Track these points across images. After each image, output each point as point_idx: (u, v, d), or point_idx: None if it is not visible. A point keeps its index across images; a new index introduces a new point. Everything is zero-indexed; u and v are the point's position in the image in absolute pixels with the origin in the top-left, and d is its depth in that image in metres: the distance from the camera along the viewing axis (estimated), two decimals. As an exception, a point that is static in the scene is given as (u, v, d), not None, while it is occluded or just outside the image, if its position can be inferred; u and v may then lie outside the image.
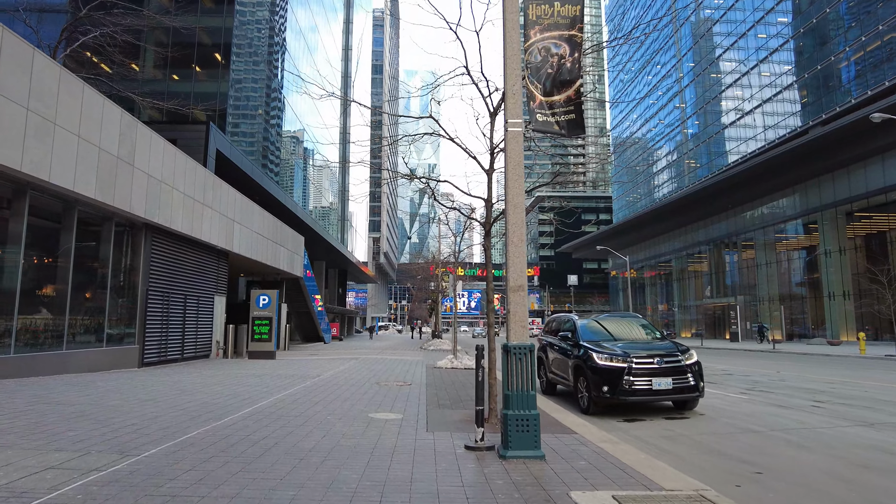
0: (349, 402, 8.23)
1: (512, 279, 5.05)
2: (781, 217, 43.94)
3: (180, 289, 16.32)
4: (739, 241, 50.20)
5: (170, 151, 14.98)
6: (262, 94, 34.01)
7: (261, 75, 33.73)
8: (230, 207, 19.36)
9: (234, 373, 13.05)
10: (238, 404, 7.83)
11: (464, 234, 16.11)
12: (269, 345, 18.71)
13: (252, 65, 32.74)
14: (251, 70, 32.58)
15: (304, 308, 34.21)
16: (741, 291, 49.30)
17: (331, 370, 14.19)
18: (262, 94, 33.92)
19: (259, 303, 18.90)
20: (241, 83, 30.88)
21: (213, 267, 18.89)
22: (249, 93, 32.32)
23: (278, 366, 15.56)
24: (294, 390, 9.68)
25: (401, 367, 15.41)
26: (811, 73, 40.98)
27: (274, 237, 24.48)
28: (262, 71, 33.82)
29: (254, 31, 33.13)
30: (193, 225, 16.36)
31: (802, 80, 42.31)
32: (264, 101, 34.04)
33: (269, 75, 34.69)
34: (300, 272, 29.19)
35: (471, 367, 15.27)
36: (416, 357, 20.81)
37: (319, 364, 16.51)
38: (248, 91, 31.99)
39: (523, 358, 4.93)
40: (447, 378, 12.55)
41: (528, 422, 4.84)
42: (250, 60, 32.50)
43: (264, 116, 33.87)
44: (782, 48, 45.52)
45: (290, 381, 11.14)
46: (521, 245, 5.07)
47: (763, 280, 46.07)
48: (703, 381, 8.06)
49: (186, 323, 16.71)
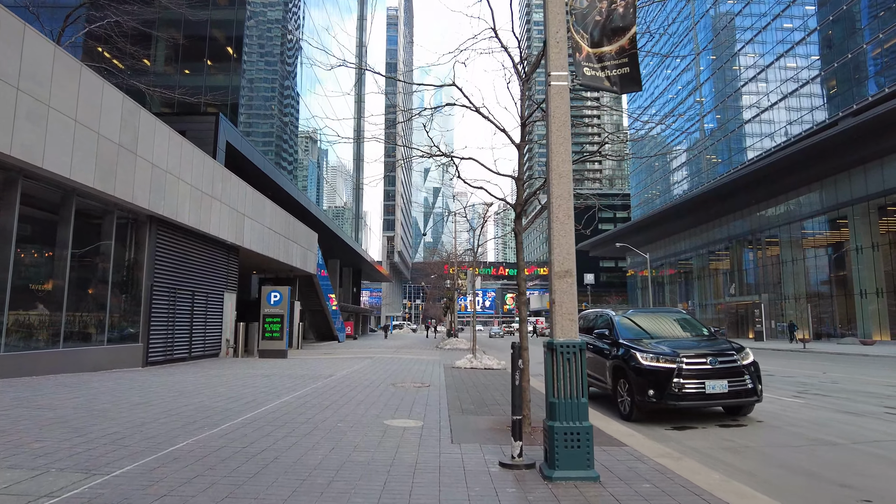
0: (363, 407, 7.41)
1: (557, 262, 4.18)
2: (808, 212, 42.39)
3: (188, 285, 15.67)
4: (763, 237, 48.68)
5: (175, 140, 14.31)
6: (276, 89, 33.42)
7: (274, 70, 33.16)
8: (240, 201, 18.70)
9: (242, 372, 12.32)
10: (239, 408, 7.05)
11: (483, 225, 15.26)
12: (281, 343, 18.01)
13: (265, 59, 32.17)
14: (264, 64, 32.01)
15: (318, 306, 33.58)
16: (765, 289, 47.80)
17: (344, 370, 13.42)
18: (275, 89, 33.34)
19: (270, 300, 18.21)
20: (253, 77, 30.32)
21: (223, 262, 18.24)
22: (262, 87, 31.74)
23: (289, 365, 14.83)
24: (303, 392, 8.90)
25: (417, 368, 14.60)
26: (840, 62, 39.42)
27: (286, 233, 23.82)
28: (275, 65, 33.24)
29: (266, 22, 32.56)
30: (201, 218, 15.70)
31: (831, 70, 40.74)
32: (277, 97, 33.46)
33: (283, 71, 34.10)
34: (313, 269, 28.54)
35: (491, 367, 14.42)
36: (432, 357, 20.00)
37: (332, 363, 15.76)
38: (260, 85, 31.42)
39: (572, 358, 4.07)
40: (467, 379, 11.70)
41: (580, 436, 3.98)
42: (263, 53, 31.93)
43: (277, 113, 33.31)
44: (806, 40, 44.12)
45: (299, 382, 10.37)
46: (569, 221, 4.20)
47: (788, 278, 44.56)
48: (761, 384, 7.11)
49: (194, 320, 16.05)
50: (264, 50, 32.09)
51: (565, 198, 4.21)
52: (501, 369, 14.37)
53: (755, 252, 50.44)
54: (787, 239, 44.90)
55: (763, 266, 49.20)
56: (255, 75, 30.50)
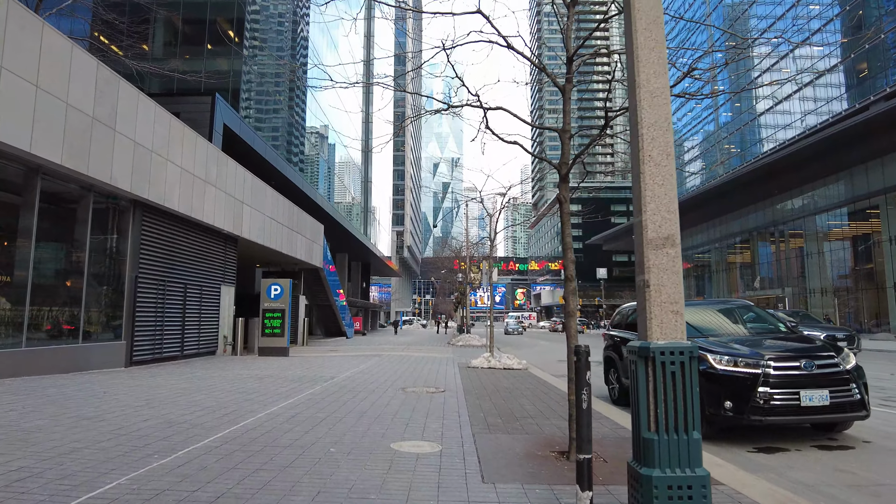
0: (365, 421, 6.03)
1: (652, 225, 2.77)
2: (834, 203, 40.46)
3: (179, 277, 14.37)
4: (786, 229, 46.79)
5: (163, 118, 12.98)
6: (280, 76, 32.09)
7: (277, 53, 31.81)
8: (239, 188, 17.39)
9: (234, 374, 11.00)
10: (212, 424, 5.69)
11: (501, 211, 13.79)
12: (282, 340, 16.70)
13: (267, 42, 30.83)
14: (266, 48, 30.67)
15: (325, 301, 32.32)
16: (788, 283, 45.95)
17: (348, 370, 12.06)
18: (279, 76, 32.00)
19: (270, 293, 16.90)
20: (255, 62, 28.99)
21: (220, 253, 16.94)
22: (266, 75, 30.41)
23: (289, 364, 13.49)
24: (296, 400, 7.54)
25: (429, 367, 13.21)
26: (872, 44, 37.41)
27: (290, 223, 22.51)
28: (279, 49, 31.90)
29: (268, 4, 31.22)
30: (194, 205, 14.39)
31: (861, 52, 38.74)
32: (282, 83, 32.13)
33: (287, 55, 32.76)
34: (319, 262, 27.25)
35: (511, 367, 13.00)
36: (444, 354, 18.61)
37: (337, 362, 14.41)
38: (263, 70, 30.08)
39: (680, 371, 2.64)
40: (487, 381, 10.29)
41: (692, 490, 2.55)
42: (265, 38, 30.59)
43: (285, 101, 31.99)
44: (826, 27, 42.31)
45: (295, 386, 9.01)
46: (668, 163, 2.77)
47: (814, 271, 42.67)
48: (868, 394, 5.62)
49: (187, 316, 14.76)
50: (265, 31, 30.72)
51: (662, 127, 2.78)
52: (522, 369, 12.96)
53: (777, 244, 48.54)
54: (811, 231, 42.98)
55: (786, 259, 47.32)
56: (257, 53, 29.16)
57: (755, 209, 50.35)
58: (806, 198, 43.33)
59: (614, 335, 8.63)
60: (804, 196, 43.55)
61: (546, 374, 12.04)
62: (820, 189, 41.50)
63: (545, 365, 15.41)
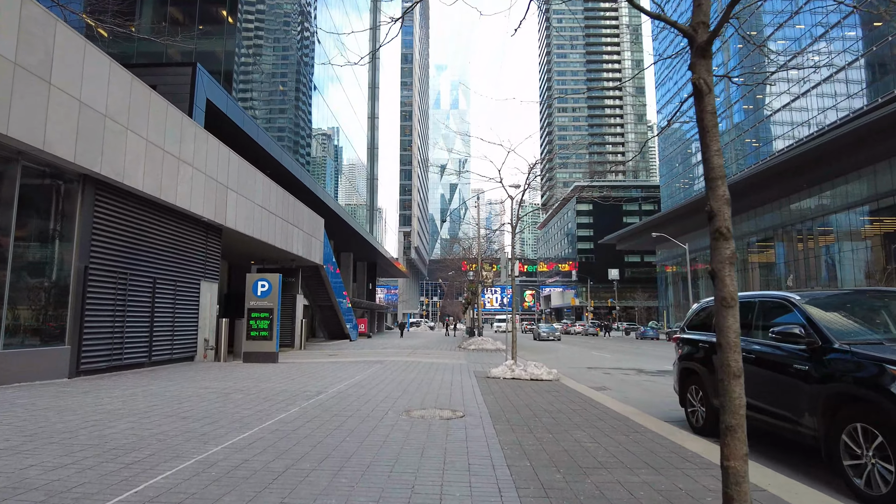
0: (344, 481, 3.79)
1: None
2: (871, 195, 37.86)
3: (147, 270, 12.22)
4: (815, 226, 44.19)
5: (121, 78, 10.83)
6: (277, 59, 30.03)
7: (275, 35, 29.76)
8: (222, 170, 15.24)
9: (198, 388, 8.80)
10: (86, 491, 3.47)
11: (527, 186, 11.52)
12: (270, 344, 14.51)
13: (265, 23, 28.75)
14: (264, 29, 28.60)
15: (327, 301, 30.18)
16: (820, 282, 43.33)
17: (343, 382, 9.84)
18: (276, 59, 29.94)
19: (256, 290, 14.72)
20: (251, 43, 26.92)
21: (200, 244, 14.79)
22: (263, 56, 28.33)
23: (274, 374, 11.29)
24: (254, 432, 5.31)
25: (440, 378, 10.96)
26: None
27: (285, 215, 20.36)
28: (276, 30, 29.83)
29: None
30: (164, 185, 12.24)
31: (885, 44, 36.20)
32: (279, 68, 30.06)
33: (285, 36, 30.70)
34: (319, 259, 25.08)
35: (540, 377, 10.72)
36: (456, 360, 16.36)
37: (332, 371, 12.19)
38: (261, 53, 28.01)
39: None
40: (516, 399, 8.02)
41: None
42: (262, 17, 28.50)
43: (292, 92, 29.92)
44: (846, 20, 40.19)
45: (264, 408, 6.79)
46: None
47: (848, 269, 40.03)
48: None
49: (157, 316, 12.60)
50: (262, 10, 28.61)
51: None
52: (554, 381, 10.69)
53: (805, 242, 45.89)
54: (844, 227, 40.34)
55: (815, 257, 44.71)
56: (252, 34, 27.06)
57: (781, 204, 47.78)
58: (837, 191, 40.70)
59: (699, 340, 6.33)
60: (836, 189, 40.93)
61: (585, 388, 9.75)
62: (854, 181, 38.87)
63: (576, 374, 13.12)
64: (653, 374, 13.55)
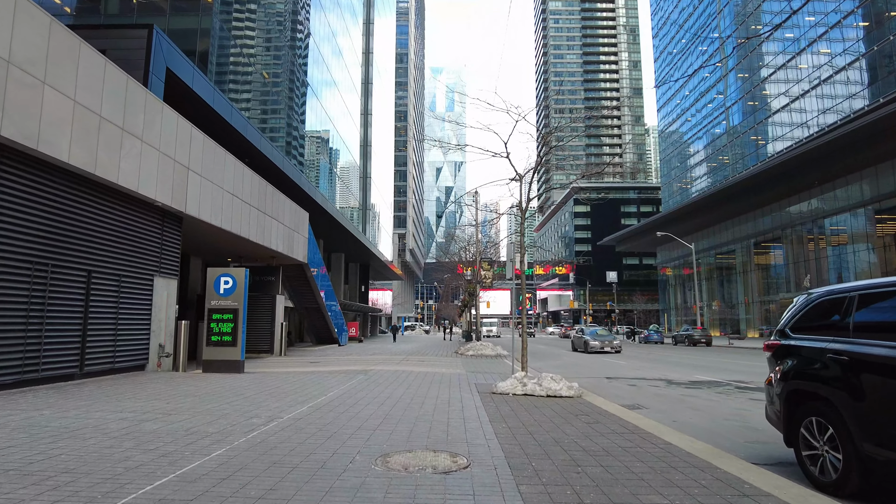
0: None
1: None
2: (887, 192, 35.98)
3: (78, 261, 10.03)
4: (826, 224, 42.32)
5: (34, 18, 8.66)
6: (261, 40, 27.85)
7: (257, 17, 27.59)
8: (182, 148, 13.07)
9: (117, 409, 6.63)
10: None
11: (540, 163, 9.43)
12: (234, 351, 12.31)
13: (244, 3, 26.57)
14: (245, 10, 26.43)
15: (313, 303, 27.96)
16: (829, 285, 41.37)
17: (310, 401, 7.69)
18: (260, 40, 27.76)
19: (218, 287, 12.53)
20: (230, 25, 24.74)
21: (153, 234, 12.60)
22: (243, 37, 26.14)
23: (228, 389, 9.12)
24: (133, 499, 3.16)
25: (435, 394, 8.81)
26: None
27: (262, 205, 18.21)
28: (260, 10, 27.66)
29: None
30: (101, 159, 10.07)
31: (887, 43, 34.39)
32: (262, 48, 27.88)
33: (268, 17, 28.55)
34: (302, 256, 22.90)
35: (559, 394, 8.59)
36: (453, 369, 14.20)
37: (303, 384, 10.02)
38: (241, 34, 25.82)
39: None
40: (538, 429, 5.89)
41: None
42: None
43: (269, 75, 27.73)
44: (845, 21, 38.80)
45: (177, 449, 4.63)
46: None
47: (863, 270, 38.11)
48: None
49: (92, 316, 10.41)
50: None
51: None
52: (576, 397, 8.57)
53: (816, 242, 43.98)
54: (861, 229, 38.39)
55: (826, 258, 42.81)
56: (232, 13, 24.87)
57: (790, 203, 45.94)
58: (850, 189, 38.80)
59: (827, 349, 4.17)
60: (849, 186, 39.05)
61: (619, 408, 7.62)
62: (870, 178, 36.98)
63: (597, 387, 10.99)
64: (686, 386, 11.44)
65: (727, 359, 21.35)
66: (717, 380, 12.64)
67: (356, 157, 58.85)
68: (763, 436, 6.19)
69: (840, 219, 40.74)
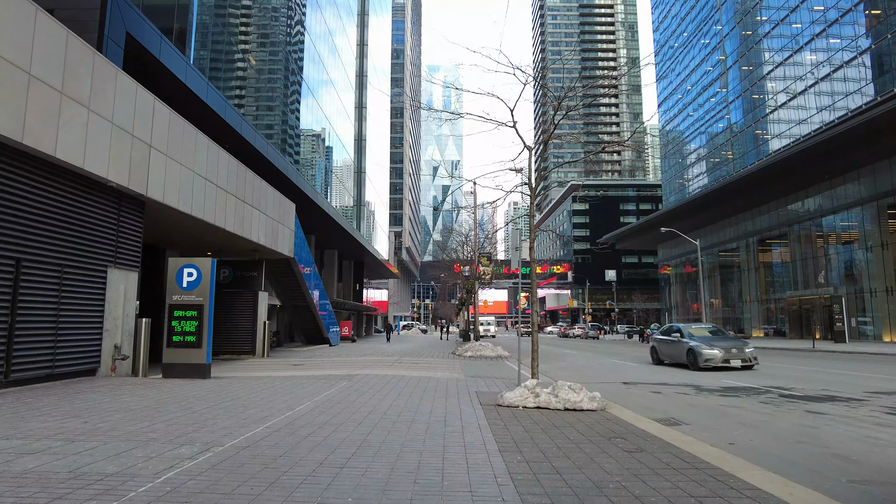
0: None
1: None
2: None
3: (2, 247, 8.43)
4: (836, 221, 40.92)
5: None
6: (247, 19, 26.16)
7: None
8: (142, 122, 11.46)
9: (7, 436, 5.03)
10: None
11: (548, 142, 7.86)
12: (198, 353, 10.71)
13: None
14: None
15: (302, 301, 26.34)
16: (841, 282, 40.01)
17: (269, 419, 6.10)
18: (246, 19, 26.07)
19: (181, 280, 10.93)
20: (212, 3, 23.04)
21: (108, 219, 10.98)
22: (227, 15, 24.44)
23: (179, 399, 7.52)
24: None
25: (428, 408, 7.24)
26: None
27: (241, 193, 16.61)
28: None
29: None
30: (31, 126, 8.45)
31: None
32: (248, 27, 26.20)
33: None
34: (289, 251, 21.29)
35: (579, 406, 7.04)
36: (451, 373, 12.63)
37: (272, 394, 8.44)
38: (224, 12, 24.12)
39: None
40: (564, 460, 4.32)
41: None
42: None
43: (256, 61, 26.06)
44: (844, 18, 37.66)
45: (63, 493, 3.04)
46: None
47: (876, 268, 36.67)
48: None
49: (22, 313, 8.79)
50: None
51: None
52: (600, 410, 7.02)
53: (826, 238, 42.52)
54: (873, 226, 36.89)
55: (836, 255, 41.38)
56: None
57: (795, 199, 44.50)
58: (864, 182, 37.36)
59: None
60: (860, 181, 37.61)
61: (656, 426, 6.05)
62: (885, 173, 35.53)
63: (616, 394, 9.42)
64: (720, 394, 9.88)
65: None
66: (751, 385, 11.09)
67: (350, 151, 57.22)
68: (865, 470, 4.65)
69: (849, 214, 39.32)
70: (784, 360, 19.04)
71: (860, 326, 37.77)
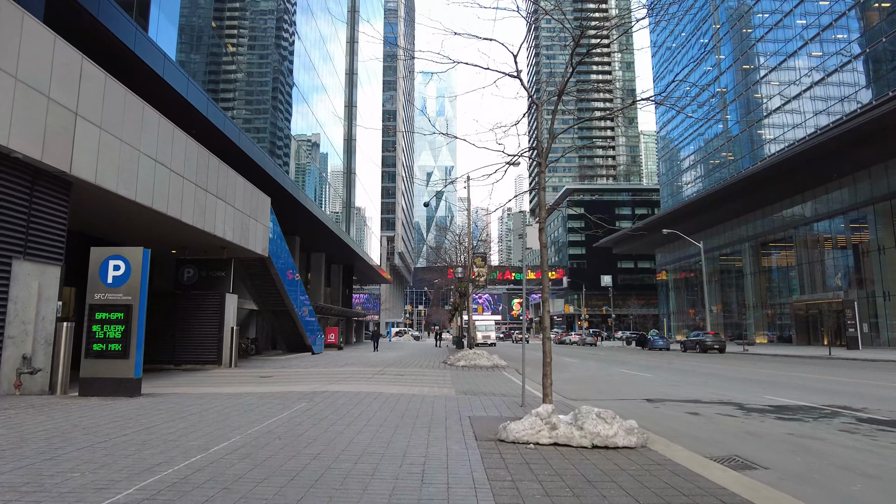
0: None
1: None
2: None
3: None
4: (847, 221, 39.24)
5: None
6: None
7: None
8: (64, 84, 9.37)
9: None
10: None
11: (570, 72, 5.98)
12: (125, 365, 8.58)
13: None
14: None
15: (282, 306, 24.19)
16: (852, 286, 38.27)
17: (169, 466, 4.00)
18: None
19: (105, 275, 8.81)
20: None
21: (14, 201, 8.86)
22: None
23: (63, 431, 5.41)
24: None
25: (400, 447, 5.17)
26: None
27: (203, 181, 14.52)
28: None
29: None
30: None
31: None
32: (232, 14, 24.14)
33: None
34: (262, 249, 19.17)
35: (613, 444, 5.00)
36: (439, 388, 10.55)
37: (199, 421, 6.34)
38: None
39: None
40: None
41: None
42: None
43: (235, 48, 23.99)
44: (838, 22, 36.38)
45: None
46: None
47: (888, 271, 34.95)
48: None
49: None
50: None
51: None
52: (639, 448, 4.99)
53: (835, 241, 40.81)
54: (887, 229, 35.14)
55: (846, 258, 39.68)
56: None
57: (801, 200, 42.86)
58: (876, 181, 35.67)
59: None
60: (873, 180, 35.93)
61: (730, 474, 4.01)
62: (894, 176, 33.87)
63: (645, 416, 7.38)
64: (776, 416, 7.85)
65: (767, 369, 17.82)
66: (807, 404, 9.09)
67: (340, 151, 55.21)
68: None
69: (859, 214, 37.65)
70: (809, 370, 17.12)
71: (872, 332, 35.99)
